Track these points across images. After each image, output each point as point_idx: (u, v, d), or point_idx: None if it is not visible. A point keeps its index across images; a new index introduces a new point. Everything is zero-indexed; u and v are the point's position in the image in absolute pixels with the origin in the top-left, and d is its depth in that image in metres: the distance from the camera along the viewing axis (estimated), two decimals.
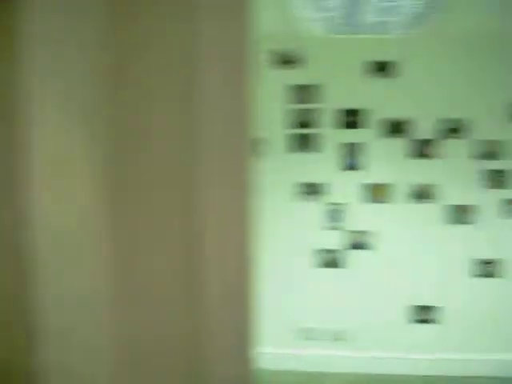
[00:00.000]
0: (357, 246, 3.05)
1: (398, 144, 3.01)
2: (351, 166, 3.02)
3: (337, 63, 3.00)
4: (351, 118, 3.01)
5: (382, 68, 2.99)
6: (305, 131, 3.02)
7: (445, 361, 3.08)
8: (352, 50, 2.98)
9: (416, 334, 3.09)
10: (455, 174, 3.02)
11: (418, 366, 3.07)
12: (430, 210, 3.02)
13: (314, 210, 3.05)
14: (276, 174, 3.01)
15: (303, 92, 3.01)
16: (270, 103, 3.00)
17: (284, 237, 3.06)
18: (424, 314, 3.07)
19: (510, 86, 3.01)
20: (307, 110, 3.01)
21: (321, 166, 3.04)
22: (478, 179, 3.02)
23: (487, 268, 3.05)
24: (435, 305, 3.10)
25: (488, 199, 3.03)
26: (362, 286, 3.07)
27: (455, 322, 3.10)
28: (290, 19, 2.60)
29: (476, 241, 3.04)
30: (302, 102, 3.02)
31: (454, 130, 3.01)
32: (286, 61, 3.00)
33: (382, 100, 3.00)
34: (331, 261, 3.06)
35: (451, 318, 3.10)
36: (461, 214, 3.02)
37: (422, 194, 3.02)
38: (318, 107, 3.01)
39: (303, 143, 3.02)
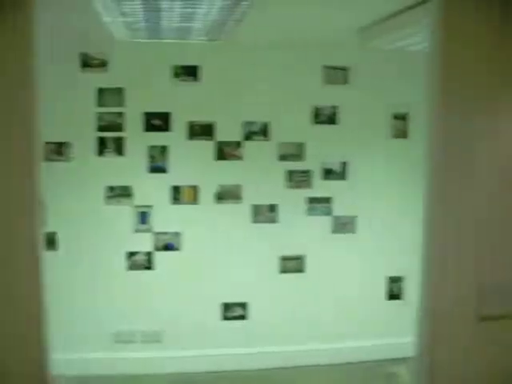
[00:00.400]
0: (165, 247, 3.17)
1: (204, 146, 3.16)
2: (158, 169, 3.15)
3: (142, 67, 3.13)
4: (158, 122, 3.14)
5: (187, 73, 3.15)
6: (112, 134, 3.13)
7: (252, 355, 3.23)
8: (157, 55, 3.12)
9: (226, 331, 3.23)
10: (260, 174, 3.20)
11: (227, 361, 3.21)
12: (236, 210, 3.19)
13: (123, 212, 3.16)
14: (85, 178, 3.11)
15: (110, 95, 3.13)
16: (78, 106, 3.11)
17: (95, 240, 3.13)
18: (234, 311, 3.22)
19: (312, 90, 3.24)
20: (114, 114, 3.13)
21: (128, 168, 3.15)
22: (283, 179, 3.20)
23: (293, 264, 3.23)
24: (245, 301, 3.28)
25: (292, 198, 3.21)
26: (173, 287, 3.21)
27: (264, 317, 3.32)
28: (97, 23, 2.70)
29: (282, 238, 3.21)
30: (109, 105, 3.13)
31: (258, 132, 3.19)
32: (94, 64, 3.10)
33: (188, 103, 3.16)
34: (142, 263, 3.17)
35: (260, 314, 3.31)
36: (266, 214, 3.19)
37: (228, 195, 3.18)
38: (124, 111, 3.11)
39: (111, 146, 3.13)
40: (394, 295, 3.40)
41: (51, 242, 3.04)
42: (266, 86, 3.16)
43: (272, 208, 3.18)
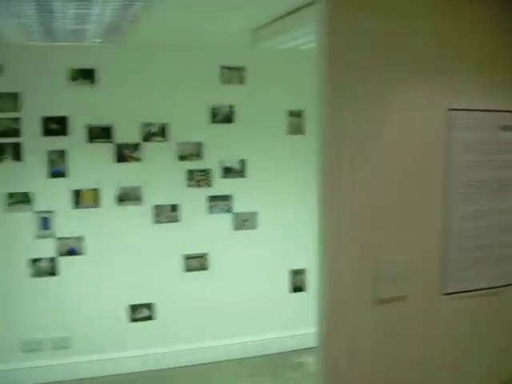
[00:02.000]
0: (69, 252, 3.69)
1: (104, 149, 3.70)
2: (58, 173, 3.66)
3: (38, 71, 3.56)
4: (55, 126, 3.66)
5: (84, 75, 3.66)
6: (9, 140, 3.61)
7: (161, 354, 3.80)
8: (53, 58, 3.56)
9: (134, 333, 3.78)
10: (161, 175, 3.77)
11: (135, 363, 3.77)
12: (138, 212, 3.75)
13: (25, 219, 3.63)
14: None
15: (6, 100, 3.60)
16: None
17: None
18: (141, 313, 3.79)
19: (209, 90, 3.79)
20: (10, 119, 3.61)
21: (27, 174, 3.62)
22: (183, 179, 3.80)
23: (196, 262, 3.84)
24: (151, 302, 3.80)
25: (193, 197, 3.81)
26: (79, 292, 3.70)
27: (170, 316, 3.84)
28: None
29: (184, 237, 3.81)
30: (5, 110, 3.60)
31: (157, 133, 3.77)
32: None
33: (86, 106, 3.64)
34: (46, 269, 3.67)
35: (166, 313, 3.83)
36: (168, 214, 3.79)
37: (130, 197, 3.74)
38: (21, 116, 3.60)
39: (9, 152, 3.62)
40: (297, 287, 4.05)
41: None
42: (164, 86, 3.68)
43: (173, 208, 3.77)
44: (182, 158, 3.68)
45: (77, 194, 3.60)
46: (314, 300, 3.69)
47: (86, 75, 3.58)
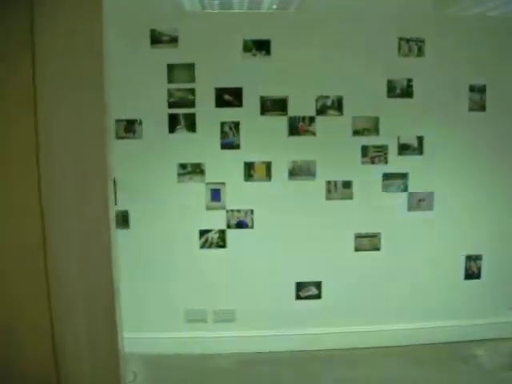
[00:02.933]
0: (238, 225, 3.95)
1: (277, 122, 3.89)
2: (231, 145, 3.93)
3: (212, 41, 3.79)
4: (229, 97, 3.92)
5: (258, 46, 3.90)
6: (184, 111, 3.91)
7: (329, 335, 3.99)
8: (227, 27, 3.80)
9: (302, 310, 3.97)
10: (334, 150, 3.94)
11: (303, 341, 3.97)
12: (310, 187, 3.94)
13: (196, 190, 3.91)
14: (156, 155, 3.90)
15: (181, 71, 3.90)
16: (148, 83, 3.79)
17: (167, 218, 3.93)
18: (308, 291, 4.00)
19: (386, 62, 3.86)
20: (185, 90, 3.91)
21: (200, 145, 3.91)
22: (357, 155, 3.96)
23: (368, 242, 4.00)
24: (318, 280, 3.98)
25: (367, 174, 3.96)
26: (245, 266, 3.95)
27: (336, 297, 3.98)
28: None
29: (356, 215, 3.97)
30: (180, 81, 3.91)
31: (331, 106, 3.95)
32: (164, 40, 3.89)
33: (260, 78, 3.83)
34: (216, 241, 3.96)
35: (333, 293, 3.98)
36: (341, 190, 3.97)
37: (302, 171, 3.95)
38: (195, 87, 3.88)
39: (182, 123, 3.92)
40: (471, 274, 4.10)
41: (123, 220, 3.81)
42: (340, 58, 3.80)
43: (346, 184, 3.92)
44: (357, 132, 3.81)
45: (248, 167, 3.80)
46: (488, 288, 3.77)
47: (260, 46, 3.75)
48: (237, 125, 3.77)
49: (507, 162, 4.03)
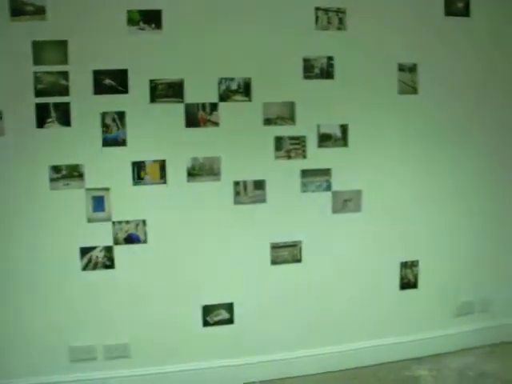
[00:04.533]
0: (129, 239, 3.61)
1: (172, 110, 3.60)
2: (115, 141, 3.57)
3: (89, 12, 3.47)
4: (111, 82, 3.56)
5: (146, 18, 3.55)
6: (55, 100, 3.50)
7: (242, 366, 3.74)
8: None
9: (211, 339, 3.74)
10: (242, 143, 3.67)
11: (214, 375, 3.74)
12: (214, 190, 3.66)
13: (73, 198, 3.55)
14: (22, 156, 3.47)
15: (51, 50, 3.50)
16: (7, 65, 3.42)
17: (40, 235, 3.52)
18: (219, 315, 3.72)
19: (301, 37, 3.73)
20: (57, 73, 3.51)
21: (77, 142, 3.53)
22: (270, 148, 3.70)
23: (287, 252, 3.76)
24: (232, 301, 3.78)
25: (282, 171, 3.71)
26: (141, 289, 3.63)
27: (256, 320, 3.81)
28: None
29: (271, 222, 3.72)
30: (49, 62, 3.50)
31: (237, 91, 3.67)
32: (28, 11, 3.46)
33: (149, 57, 3.54)
34: (101, 260, 3.60)
35: (252, 315, 3.81)
36: (252, 192, 3.69)
37: (204, 171, 3.65)
38: (69, 69, 3.49)
39: (54, 115, 3.52)
40: (407, 284, 3.98)
41: None
42: (246, 32, 3.59)
43: (258, 185, 3.68)
44: (269, 121, 3.64)
45: (138, 168, 3.57)
46: (426, 298, 3.69)
47: (149, 18, 3.50)
48: (122, 116, 3.51)
49: (443, 152, 4.02)
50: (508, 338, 4.34)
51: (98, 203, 3.59)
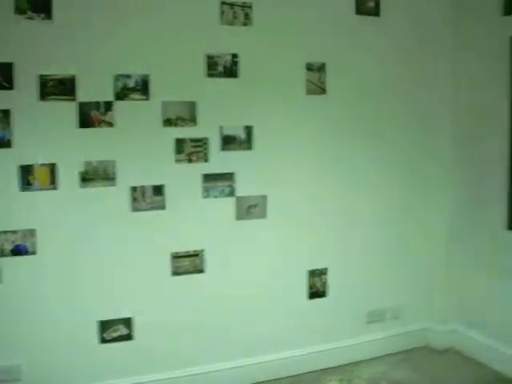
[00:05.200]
0: (16, 251, 3.44)
1: (63, 109, 3.46)
2: None
3: None
4: None
5: (35, 6, 3.38)
6: None
7: None
8: None
9: (109, 357, 3.65)
10: (140, 146, 3.58)
11: None
12: (109, 196, 3.54)
13: None
14: None
15: None
16: None
17: None
18: (117, 330, 3.61)
19: (204, 32, 3.67)
20: None
21: None
22: (170, 152, 3.61)
23: (189, 262, 3.69)
24: (131, 316, 3.70)
25: (183, 176, 3.64)
26: (30, 303, 3.50)
27: (158, 335, 3.75)
28: None
29: (171, 230, 3.64)
30: None
31: (135, 89, 3.56)
32: None
33: (38, 50, 3.40)
34: None
35: (153, 330, 3.73)
36: (150, 198, 3.60)
37: (98, 175, 3.52)
38: None
39: None
40: (315, 293, 3.98)
41: None
42: (147, 26, 3.58)
43: (157, 190, 3.62)
44: (169, 122, 3.59)
45: (25, 172, 3.44)
46: (336, 307, 3.74)
47: (38, 6, 3.39)
48: (6, 114, 3.38)
49: (354, 154, 4.10)
50: (419, 344, 4.42)
51: None
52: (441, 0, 4.15)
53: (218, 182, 3.73)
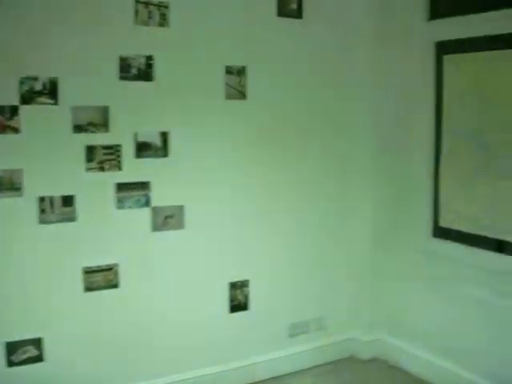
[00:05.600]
0: None
1: None
2: None
3: None
4: None
5: None
6: None
7: None
8: None
9: (17, 381, 3.51)
10: (48, 153, 3.44)
11: None
12: (15, 207, 3.36)
13: None
14: None
15: None
16: None
17: None
18: (26, 352, 3.44)
19: (117, 33, 3.56)
20: None
21: None
22: (80, 159, 3.46)
23: (102, 276, 3.54)
24: (41, 336, 3.55)
25: (94, 185, 3.49)
26: None
27: (72, 356, 3.62)
28: None
29: (82, 243, 3.50)
30: None
31: (42, 92, 3.39)
32: None
33: None
34: None
35: (66, 351, 3.61)
36: (59, 209, 3.44)
37: (2, 185, 3.34)
38: None
39: None
40: (237, 306, 3.92)
41: None
42: (55, 24, 3.47)
43: (67, 200, 3.48)
44: (79, 128, 3.48)
45: None
46: (258, 320, 3.72)
47: None
48: None
49: (277, 160, 4.13)
50: (345, 355, 4.43)
51: None
52: (364, 4, 4.11)
53: (132, 191, 3.60)
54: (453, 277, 3.86)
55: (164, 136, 3.63)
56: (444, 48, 3.92)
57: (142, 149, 3.60)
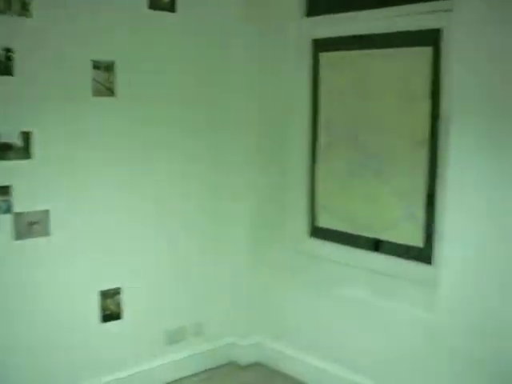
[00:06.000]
0: None
1: None
2: None
3: None
4: None
5: None
6: None
7: None
8: None
9: None
10: None
11: None
12: None
13: None
14: None
15: None
16: None
17: None
18: None
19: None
20: None
21: None
22: None
23: None
24: None
25: None
26: None
27: None
28: None
29: None
30: None
31: None
32: None
33: None
34: None
35: None
36: None
37: None
38: None
39: None
40: (109, 315, 3.78)
41: None
42: None
43: None
44: None
45: None
46: (133, 329, 3.62)
47: None
48: None
49: (151, 161, 4.04)
50: (224, 360, 4.42)
51: None
52: None
53: None
54: (331, 277, 3.90)
55: (26, 135, 3.43)
56: (320, 46, 3.94)
57: (2, 150, 3.34)
